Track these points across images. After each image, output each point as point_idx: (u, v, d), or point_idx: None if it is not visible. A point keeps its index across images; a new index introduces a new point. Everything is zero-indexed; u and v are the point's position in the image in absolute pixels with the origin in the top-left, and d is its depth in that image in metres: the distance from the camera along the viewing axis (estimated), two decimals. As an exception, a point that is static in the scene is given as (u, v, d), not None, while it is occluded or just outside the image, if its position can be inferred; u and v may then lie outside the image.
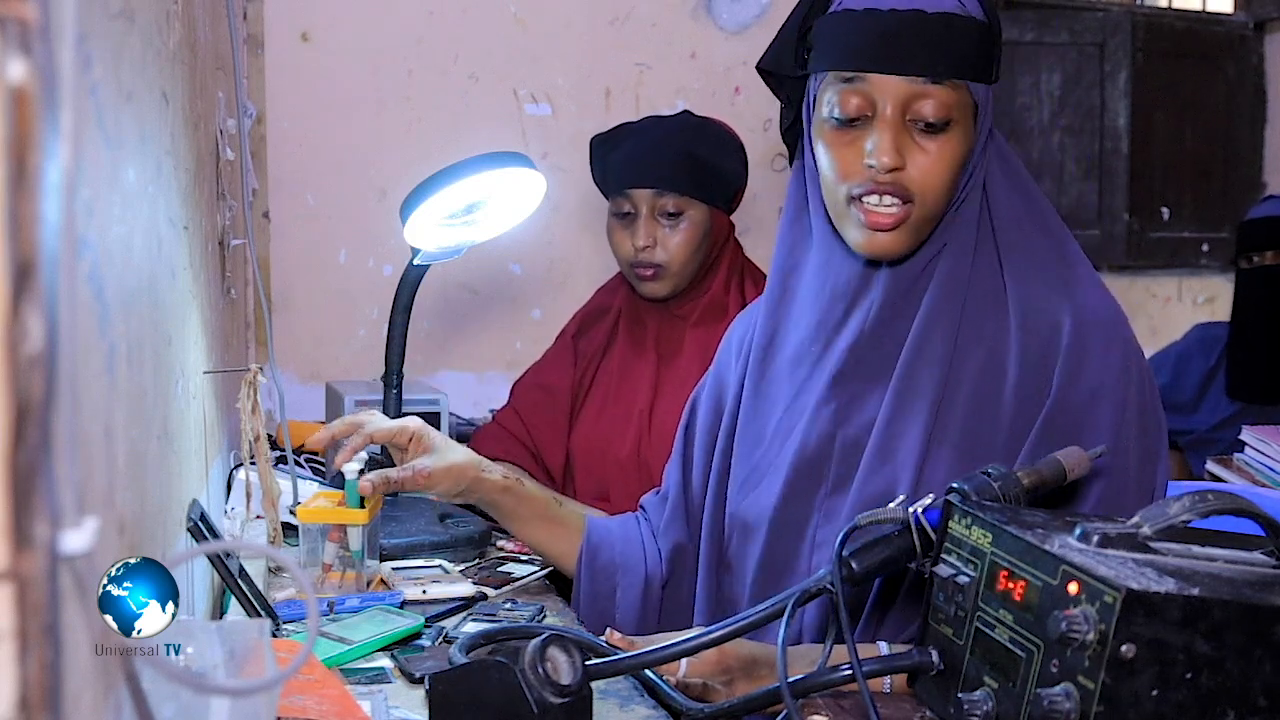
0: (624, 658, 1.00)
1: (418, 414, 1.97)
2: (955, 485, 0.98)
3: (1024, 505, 0.99)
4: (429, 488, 1.39)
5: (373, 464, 1.50)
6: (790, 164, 1.32)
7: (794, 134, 1.28)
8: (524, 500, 1.45)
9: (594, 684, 0.97)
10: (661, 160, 1.93)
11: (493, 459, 2.00)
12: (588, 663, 0.94)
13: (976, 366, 1.18)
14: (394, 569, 1.51)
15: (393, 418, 1.88)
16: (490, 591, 1.50)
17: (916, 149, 1.16)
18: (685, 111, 2.12)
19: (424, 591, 1.44)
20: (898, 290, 1.21)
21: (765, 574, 1.27)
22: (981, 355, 1.19)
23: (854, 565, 0.99)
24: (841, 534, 0.98)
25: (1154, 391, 1.20)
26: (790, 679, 0.93)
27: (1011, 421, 1.16)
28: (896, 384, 1.19)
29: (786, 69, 1.24)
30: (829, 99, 1.18)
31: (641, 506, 1.50)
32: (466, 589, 1.47)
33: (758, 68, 1.29)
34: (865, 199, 1.17)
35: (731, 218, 2.06)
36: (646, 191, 1.93)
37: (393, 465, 1.89)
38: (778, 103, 1.31)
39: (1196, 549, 0.86)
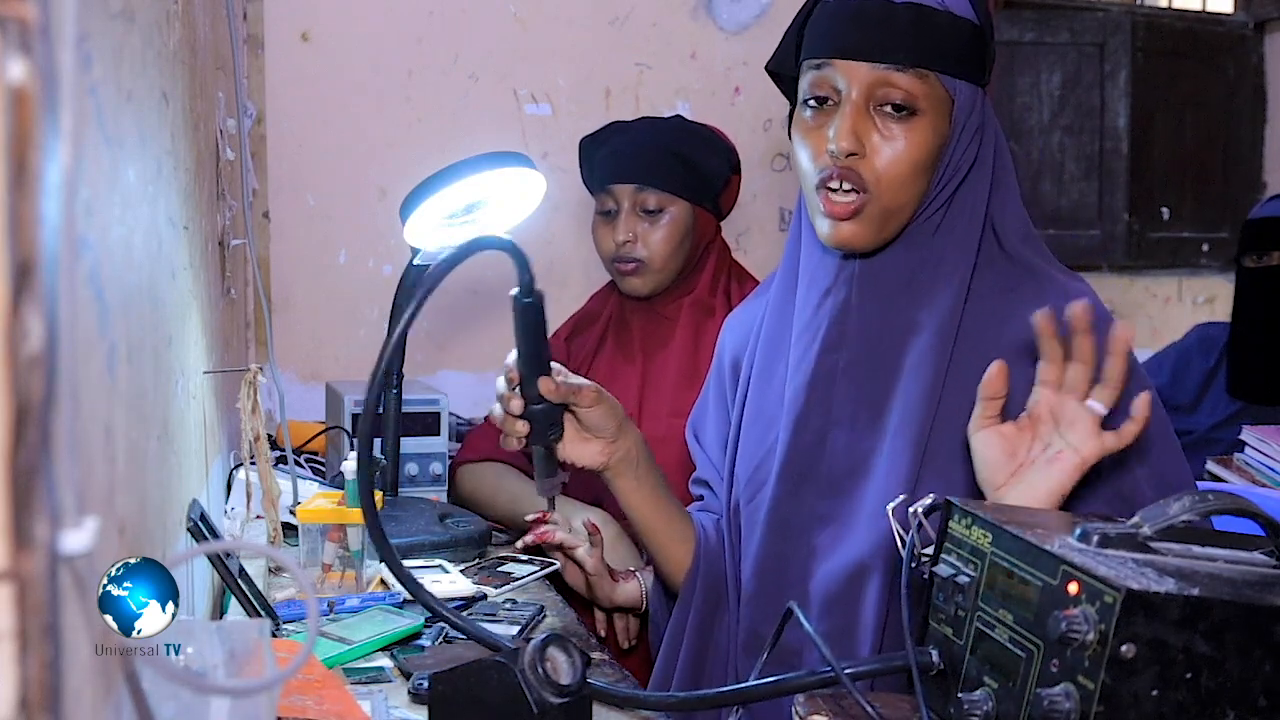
0: (625, 693, 1.01)
1: (418, 414, 1.99)
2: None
3: None
4: (594, 403, 1.28)
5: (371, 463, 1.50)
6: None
7: None
8: (654, 469, 1.37)
9: (594, 685, 0.97)
10: (643, 156, 1.93)
11: (486, 459, 2.01)
12: (588, 680, 0.94)
13: (974, 375, 1.19)
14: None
15: (393, 418, 1.89)
16: (490, 591, 1.50)
17: (878, 135, 1.16)
18: (677, 115, 2.12)
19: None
20: (876, 286, 1.22)
21: (764, 568, 1.27)
22: (979, 363, 1.19)
23: None
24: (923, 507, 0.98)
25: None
26: (776, 678, 0.94)
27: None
28: (902, 394, 1.19)
29: (788, 69, 1.26)
30: (802, 86, 1.21)
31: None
32: (467, 588, 1.47)
33: (766, 69, 1.31)
34: (828, 185, 1.18)
35: (729, 216, 2.06)
36: (628, 187, 1.93)
37: (391, 465, 1.89)
38: (777, 103, 1.32)
39: (1196, 549, 0.86)
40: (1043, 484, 1.03)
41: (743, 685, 0.99)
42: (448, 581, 1.47)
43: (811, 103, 1.19)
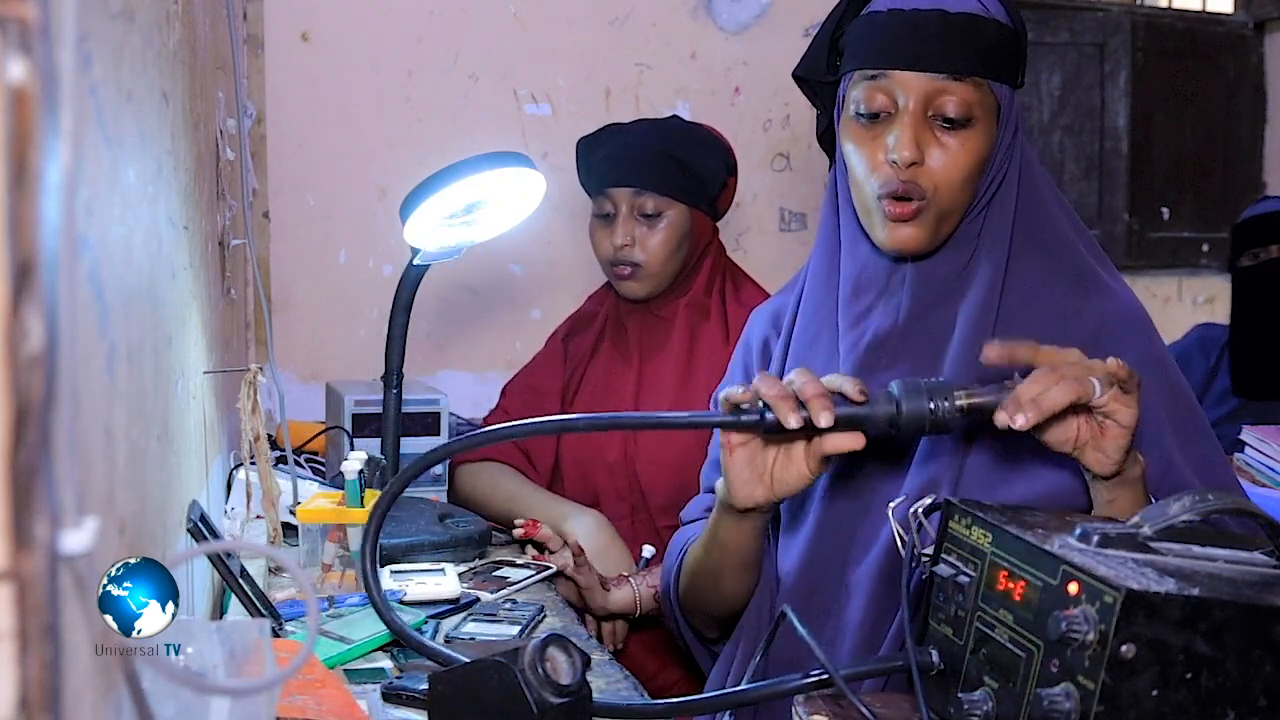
0: (635, 705, 1.01)
1: (418, 414, 1.98)
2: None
3: (957, 423, 1.05)
4: None
5: (371, 463, 1.50)
6: (830, 169, 1.34)
7: (830, 140, 1.30)
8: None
9: (594, 686, 0.97)
10: (640, 160, 1.93)
11: (484, 459, 2.01)
12: (595, 699, 0.94)
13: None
14: (393, 572, 1.49)
15: (392, 418, 1.89)
16: (486, 596, 1.49)
17: (936, 145, 1.18)
18: (674, 116, 2.12)
19: (404, 593, 1.41)
20: (927, 287, 1.23)
21: (808, 560, 1.26)
22: None
23: None
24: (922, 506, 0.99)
25: (1184, 380, 1.26)
26: (764, 682, 0.94)
27: None
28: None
29: (820, 75, 1.27)
30: (855, 97, 1.21)
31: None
32: (452, 591, 1.45)
33: (794, 75, 1.31)
34: (892, 196, 1.19)
35: (727, 216, 2.06)
36: (626, 191, 1.94)
37: (391, 465, 1.89)
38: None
39: (1196, 549, 0.86)
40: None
41: (737, 689, 0.98)
42: (433, 583, 1.46)
43: (865, 113, 1.20)
